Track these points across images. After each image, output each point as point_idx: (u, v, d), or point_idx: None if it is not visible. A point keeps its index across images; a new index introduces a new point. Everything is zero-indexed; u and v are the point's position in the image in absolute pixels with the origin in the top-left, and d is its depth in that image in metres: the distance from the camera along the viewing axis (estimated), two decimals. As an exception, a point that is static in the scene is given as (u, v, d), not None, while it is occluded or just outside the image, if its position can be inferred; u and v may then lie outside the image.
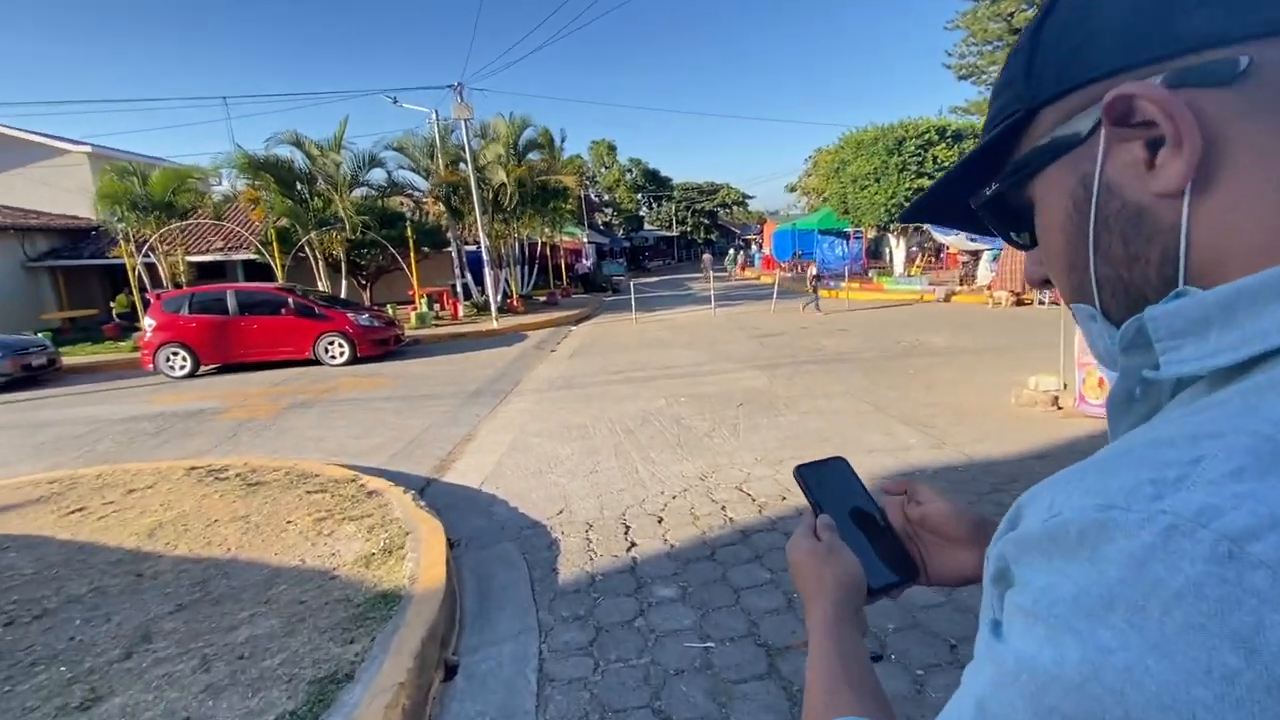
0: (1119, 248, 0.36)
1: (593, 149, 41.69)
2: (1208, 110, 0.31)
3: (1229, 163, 0.31)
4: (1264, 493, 0.24)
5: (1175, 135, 0.31)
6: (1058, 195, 0.39)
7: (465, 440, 6.42)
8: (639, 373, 8.91)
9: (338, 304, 12.00)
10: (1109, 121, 0.34)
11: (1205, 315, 0.31)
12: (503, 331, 14.26)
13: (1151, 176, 0.33)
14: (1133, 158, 0.34)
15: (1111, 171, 0.35)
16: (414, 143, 15.90)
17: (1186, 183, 0.32)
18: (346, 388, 9.18)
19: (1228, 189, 0.31)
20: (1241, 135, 0.31)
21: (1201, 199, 0.32)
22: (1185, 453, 0.27)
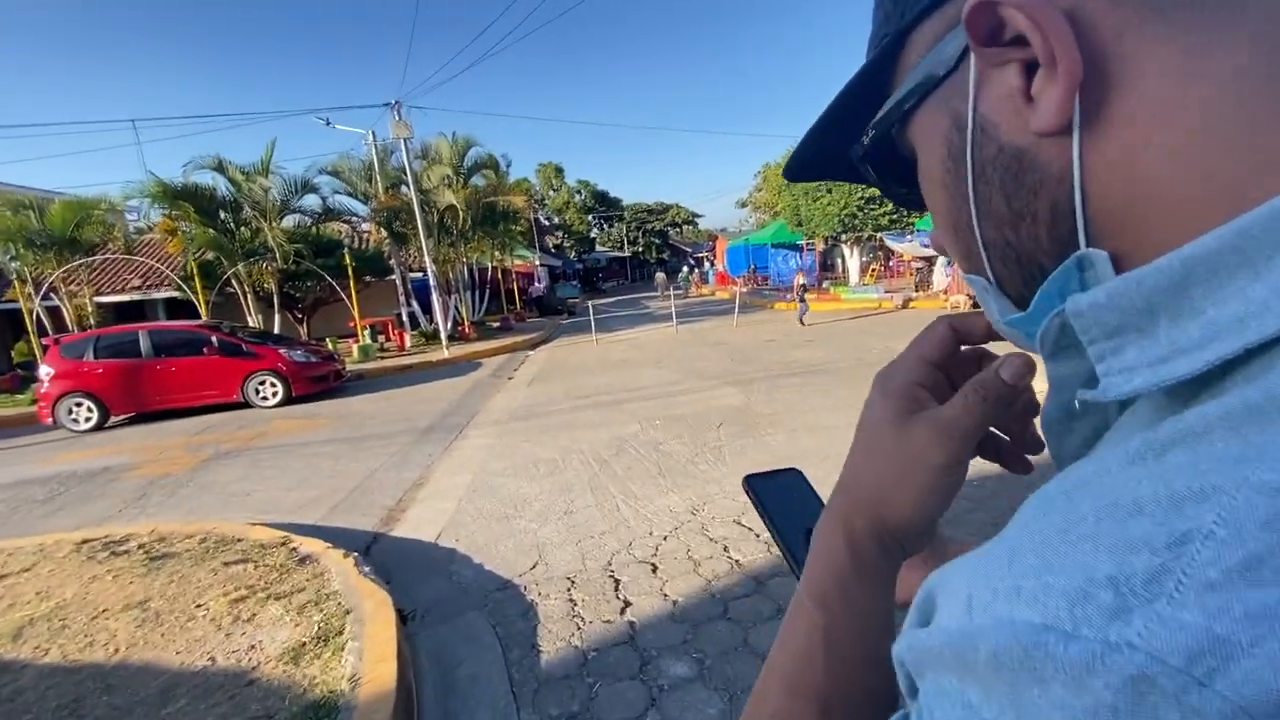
0: (1000, 203, 0.28)
1: (540, 171, 41.24)
2: (1094, 17, 0.23)
3: (1131, 86, 0.23)
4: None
5: (1048, 53, 0.23)
6: (933, 141, 0.30)
7: (417, 485, 5.68)
8: (607, 396, 8.33)
9: (269, 340, 10.98)
10: (975, 41, 0.25)
11: (1148, 302, 0.22)
12: (455, 360, 13.44)
13: (1030, 110, 0.25)
14: (1007, 88, 0.26)
15: (984, 107, 0.27)
16: (350, 166, 15.02)
17: (1067, 116, 0.24)
18: (279, 432, 8.24)
19: (1134, 121, 0.23)
20: (1145, 48, 0.22)
21: (1096, 137, 0.24)
22: (1162, 527, 0.17)
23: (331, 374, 10.60)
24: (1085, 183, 0.24)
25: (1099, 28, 0.23)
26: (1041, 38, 0.23)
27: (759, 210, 29.32)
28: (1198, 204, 0.22)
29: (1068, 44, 0.23)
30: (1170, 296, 0.22)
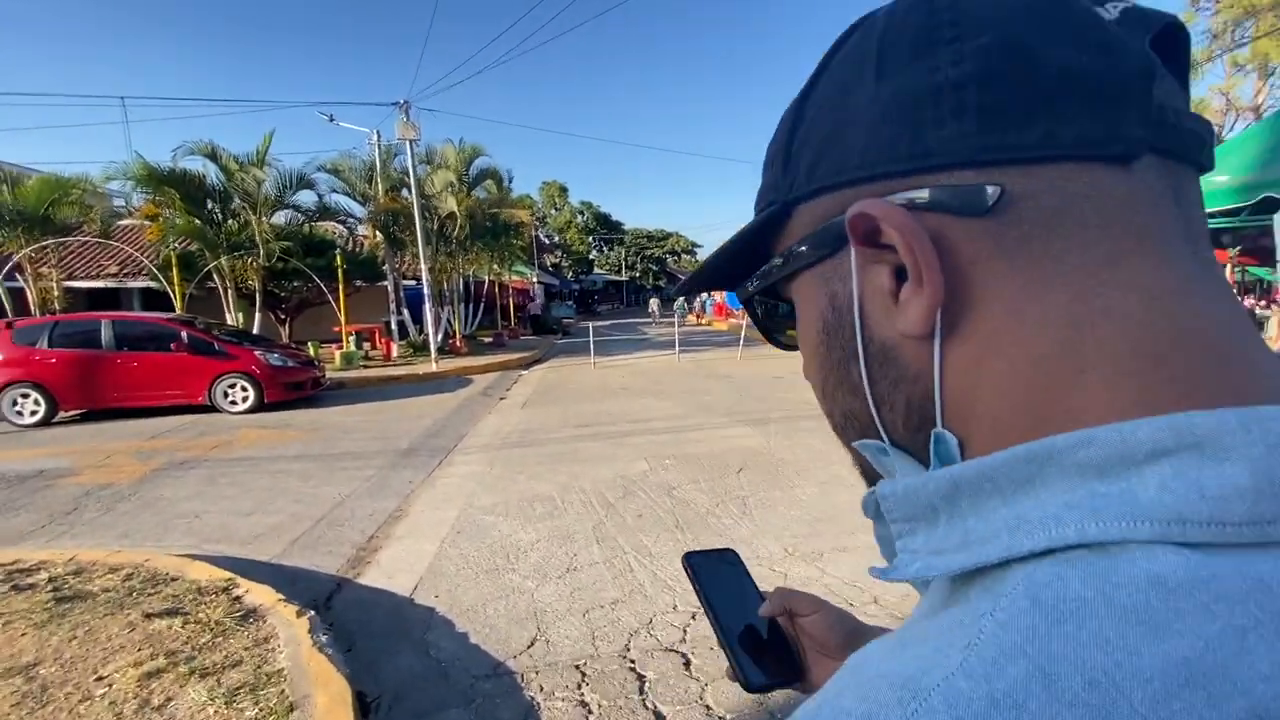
0: (866, 386, 0.30)
1: (543, 189, 40.86)
2: (957, 244, 0.26)
3: (976, 310, 0.26)
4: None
5: (915, 270, 0.26)
6: (809, 309, 0.33)
7: (394, 518, 4.96)
8: (610, 427, 7.66)
9: (245, 340, 10.22)
10: (854, 240, 0.28)
11: (930, 503, 0.26)
12: (444, 375, 12.70)
13: (897, 312, 0.27)
14: (879, 286, 0.28)
15: (860, 297, 0.29)
16: (351, 165, 14.41)
17: (930, 326, 0.26)
18: (245, 442, 7.46)
19: (974, 341, 0.26)
20: (992, 278, 0.26)
21: (950, 345, 0.27)
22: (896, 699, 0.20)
23: (309, 381, 9.84)
24: (941, 379, 0.27)
25: (957, 254, 0.26)
26: (911, 257, 0.26)
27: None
28: (1005, 425, 0.25)
29: (933, 265, 0.25)
30: (946, 502, 0.26)
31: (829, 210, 0.30)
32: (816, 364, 0.34)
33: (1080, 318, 0.24)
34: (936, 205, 0.26)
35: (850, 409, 0.32)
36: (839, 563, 3.79)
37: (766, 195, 0.34)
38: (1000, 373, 0.25)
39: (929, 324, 0.26)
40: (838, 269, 0.30)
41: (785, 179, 0.32)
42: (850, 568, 3.72)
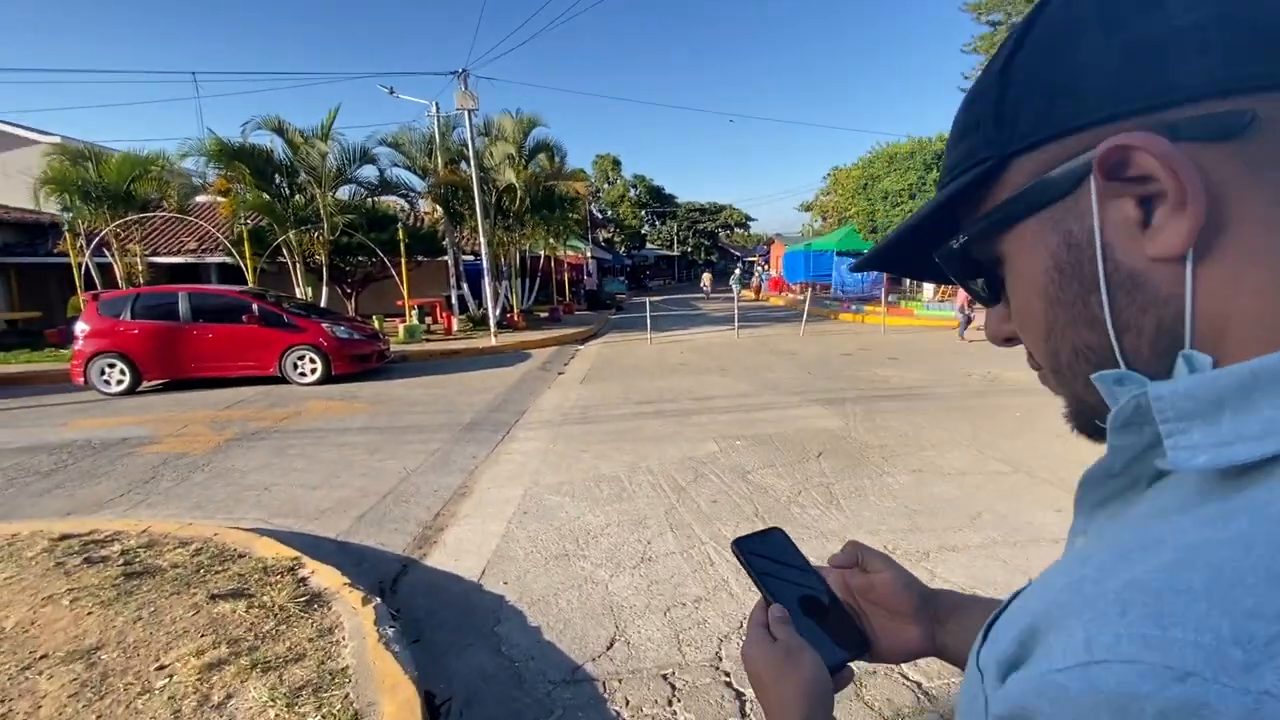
0: (1108, 315, 0.32)
1: (597, 163, 40.30)
2: (1209, 168, 0.28)
3: (1231, 228, 0.28)
4: None
5: (1179, 194, 0.28)
6: (1036, 253, 0.35)
7: (459, 495, 4.79)
8: (671, 404, 7.32)
9: (313, 313, 10.36)
10: (1101, 175, 0.30)
11: (1218, 396, 0.27)
12: (503, 349, 12.65)
13: (1147, 239, 0.29)
14: (1124, 217, 0.30)
15: (1102, 230, 0.31)
16: (411, 138, 14.38)
17: (1188, 248, 0.28)
18: (313, 414, 7.51)
19: (1229, 257, 0.28)
20: (1244, 197, 0.28)
21: (1201, 267, 0.28)
22: (1269, 601, 0.20)
23: (375, 354, 9.91)
24: (1194, 300, 0.29)
25: (1214, 178, 0.27)
26: (1175, 181, 0.27)
27: (827, 215, 27.78)
28: (1269, 330, 0.27)
29: (1198, 188, 0.27)
30: (1238, 395, 0.26)
31: (1057, 156, 0.32)
32: (1043, 305, 0.35)
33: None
34: (1191, 133, 0.28)
35: (1086, 342, 0.33)
36: (950, 564, 3.34)
37: (976, 154, 0.35)
38: (1264, 283, 0.27)
39: (1188, 245, 0.28)
40: (1073, 208, 0.32)
41: (1000, 135, 0.34)
42: (964, 570, 3.27)
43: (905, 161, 15.24)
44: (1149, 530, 0.27)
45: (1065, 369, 0.35)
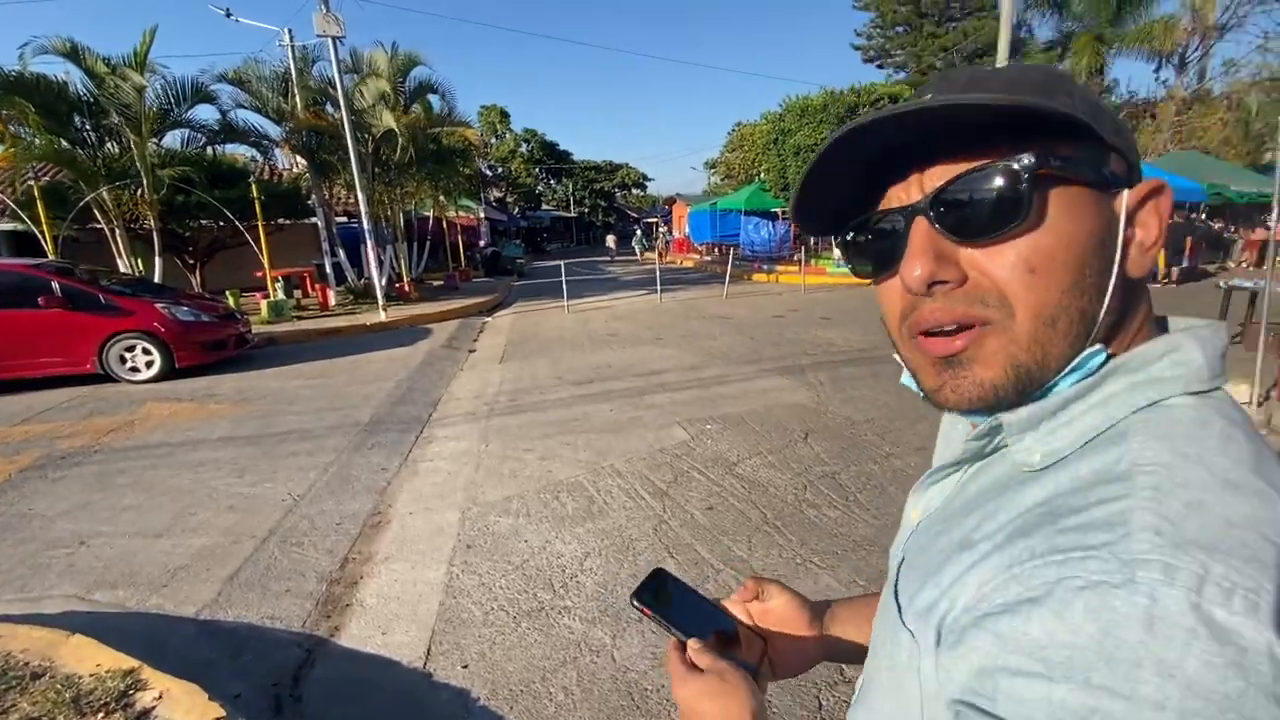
0: (1108, 295, 0.40)
1: (482, 115, 37.04)
2: None
3: None
4: None
5: (1157, 240, 0.42)
6: (1090, 218, 0.40)
7: (372, 527, 3.63)
8: (616, 383, 6.39)
9: (144, 291, 8.22)
10: (1137, 198, 0.41)
11: (1040, 417, 0.41)
12: (395, 324, 10.98)
13: (1143, 257, 0.41)
14: (1138, 239, 0.41)
15: (1126, 236, 0.41)
16: (259, 73, 11.82)
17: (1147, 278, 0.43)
18: (152, 422, 5.79)
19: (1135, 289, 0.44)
20: None
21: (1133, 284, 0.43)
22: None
23: (232, 338, 8.03)
24: (1141, 302, 0.44)
25: None
26: (1159, 229, 0.41)
27: (732, 173, 27.48)
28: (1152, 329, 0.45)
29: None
30: (1050, 415, 0.40)
31: (1115, 165, 0.41)
32: (1077, 264, 0.39)
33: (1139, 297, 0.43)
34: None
35: (1088, 309, 0.40)
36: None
37: (1074, 111, 0.38)
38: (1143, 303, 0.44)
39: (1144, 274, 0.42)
40: (1111, 206, 0.40)
41: (1101, 126, 0.39)
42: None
43: (818, 114, 14.91)
44: (1017, 504, 0.39)
45: (1057, 323, 0.39)
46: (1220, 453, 0.35)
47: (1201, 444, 0.36)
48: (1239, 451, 0.36)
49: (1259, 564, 0.30)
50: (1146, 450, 0.36)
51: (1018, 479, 0.40)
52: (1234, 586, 0.29)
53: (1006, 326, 0.39)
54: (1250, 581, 0.29)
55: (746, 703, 0.50)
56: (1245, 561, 0.30)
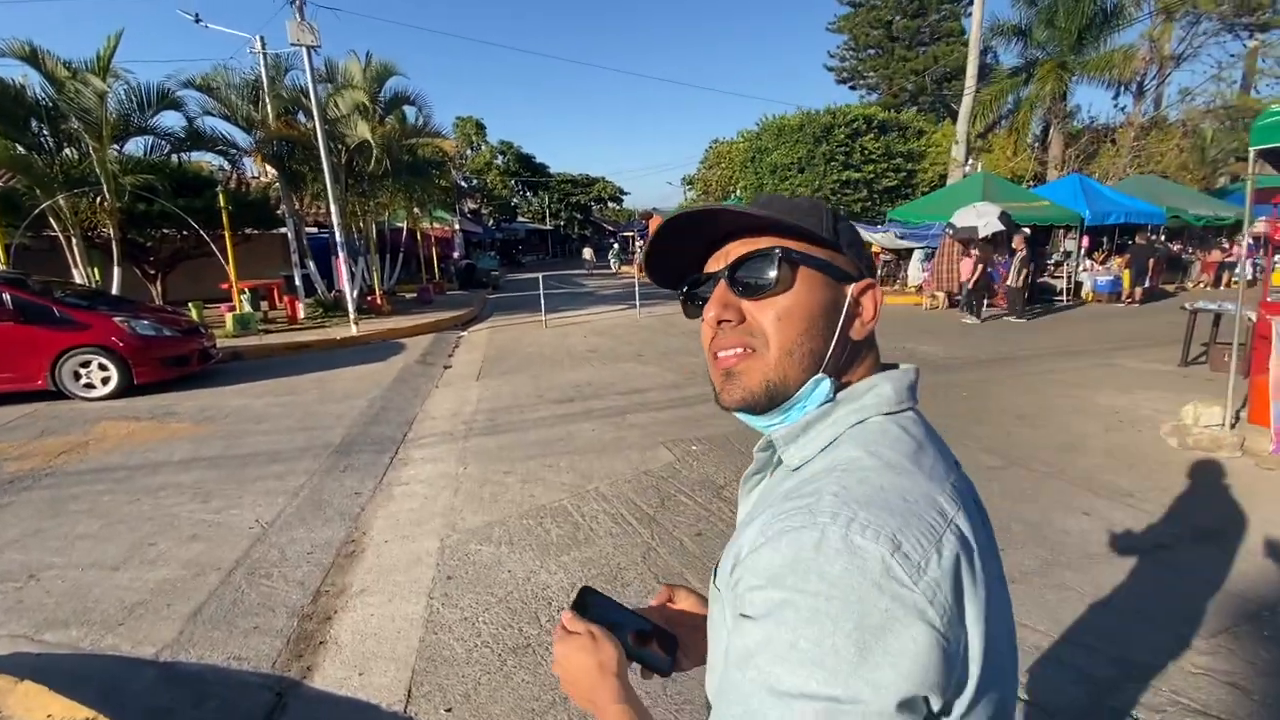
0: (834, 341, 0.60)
1: (458, 126, 36.75)
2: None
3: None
4: None
5: (873, 317, 0.63)
6: (822, 292, 0.60)
7: (347, 557, 3.46)
8: (598, 402, 6.29)
9: (100, 303, 7.86)
10: (859, 289, 0.62)
11: (796, 432, 0.61)
12: (367, 339, 10.71)
13: (861, 323, 0.62)
14: (858, 309, 0.62)
15: (848, 305, 0.61)
16: (229, 80, 11.51)
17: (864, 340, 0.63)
18: (108, 443, 5.49)
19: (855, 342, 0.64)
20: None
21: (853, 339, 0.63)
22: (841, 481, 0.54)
23: (195, 353, 7.70)
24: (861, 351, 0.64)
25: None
26: (874, 310, 0.62)
27: (709, 189, 27.71)
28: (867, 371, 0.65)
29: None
30: (802, 430, 0.58)
31: (843, 263, 0.62)
32: (808, 320, 0.59)
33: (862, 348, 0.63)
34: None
35: (816, 348, 0.59)
36: (1022, 602, 2.73)
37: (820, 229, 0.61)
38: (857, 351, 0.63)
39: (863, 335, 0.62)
40: (841, 290, 0.61)
41: (839, 240, 0.62)
42: (1046, 612, 2.67)
43: (794, 134, 15.12)
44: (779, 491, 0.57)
45: (793, 354, 0.59)
46: (890, 449, 0.54)
47: (879, 444, 0.55)
48: (903, 448, 0.55)
49: (889, 511, 0.48)
50: (849, 451, 0.55)
51: (785, 476, 0.60)
52: (868, 523, 0.47)
53: (764, 354, 0.59)
54: (880, 521, 0.47)
55: (610, 654, 0.66)
56: (881, 509, 0.48)
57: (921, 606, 0.44)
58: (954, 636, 0.46)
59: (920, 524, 0.48)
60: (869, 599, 0.44)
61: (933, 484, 0.52)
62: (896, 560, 0.45)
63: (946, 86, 25.62)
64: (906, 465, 0.53)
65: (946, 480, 0.54)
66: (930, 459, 0.55)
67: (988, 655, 0.48)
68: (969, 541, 0.49)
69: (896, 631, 0.44)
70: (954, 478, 0.55)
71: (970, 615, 0.47)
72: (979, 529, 0.52)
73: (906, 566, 0.45)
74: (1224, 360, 6.59)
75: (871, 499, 0.48)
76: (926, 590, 0.45)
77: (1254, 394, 4.36)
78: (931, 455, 0.56)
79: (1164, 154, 17.22)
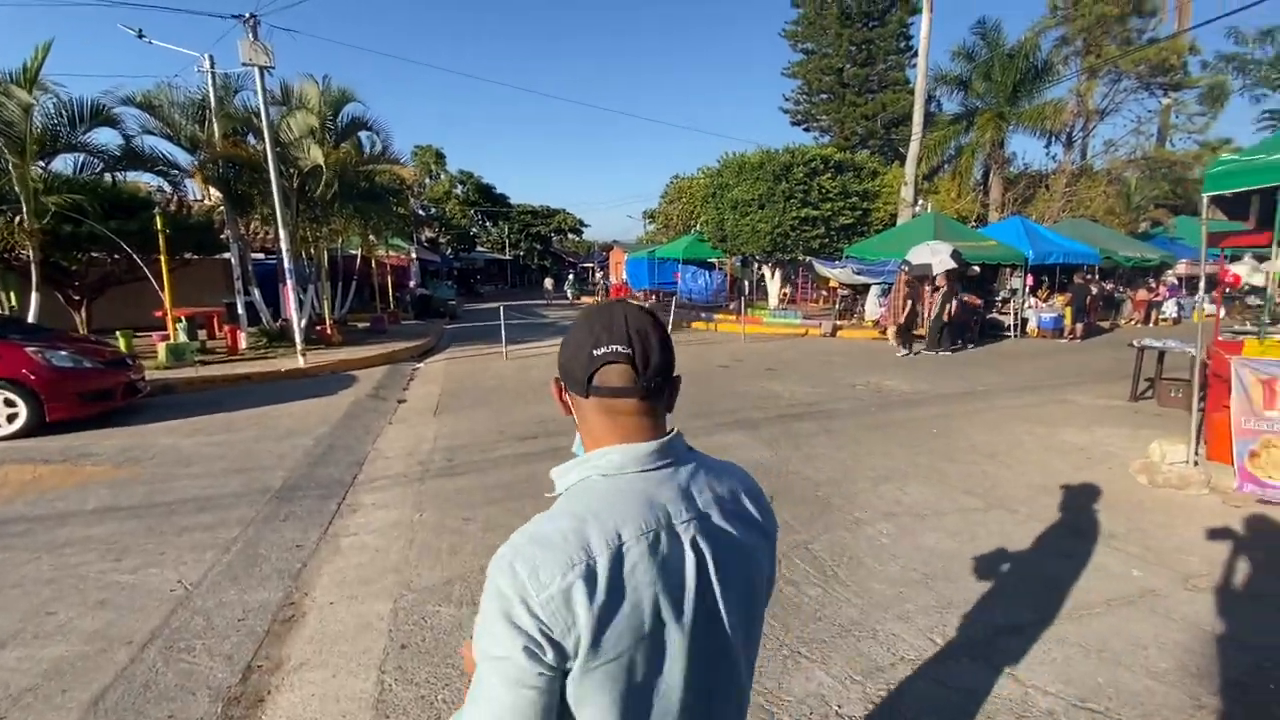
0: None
1: (417, 155, 36.22)
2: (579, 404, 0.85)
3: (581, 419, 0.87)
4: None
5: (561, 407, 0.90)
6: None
7: (284, 623, 3.06)
8: (564, 439, 5.96)
9: (12, 330, 7.14)
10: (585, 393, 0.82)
11: (562, 472, 0.85)
12: (315, 371, 10.12)
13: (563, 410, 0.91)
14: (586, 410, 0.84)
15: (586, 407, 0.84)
16: (173, 98, 10.94)
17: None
18: (7, 490, 4.85)
19: (583, 427, 0.87)
20: (580, 408, 0.85)
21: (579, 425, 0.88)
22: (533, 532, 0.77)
23: (120, 387, 7.04)
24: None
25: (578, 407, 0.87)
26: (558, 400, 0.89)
27: (670, 223, 28.02)
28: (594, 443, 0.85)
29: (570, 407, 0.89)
30: (562, 474, 0.84)
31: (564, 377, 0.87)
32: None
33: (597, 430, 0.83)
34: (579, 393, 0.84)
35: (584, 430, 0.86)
36: (1026, 659, 2.58)
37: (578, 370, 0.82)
38: (587, 432, 0.86)
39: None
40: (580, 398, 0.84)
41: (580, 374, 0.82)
42: (1051, 670, 2.52)
43: (754, 172, 15.42)
44: None
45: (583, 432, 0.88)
46: (579, 501, 0.78)
47: (578, 497, 0.79)
48: (588, 499, 0.77)
49: (536, 542, 0.72)
50: (563, 499, 0.81)
51: None
52: (515, 550, 0.73)
53: None
54: (521, 549, 0.72)
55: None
56: (529, 540, 0.73)
57: (534, 609, 0.69)
58: (560, 630, 0.69)
59: (560, 558, 0.70)
60: (509, 600, 0.70)
61: (596, 532, 0.73)
62: (529, 580, 0.69)
63: (895, 131, 26.90)
64: (579, 511, 0.75)
65: (625, 527, 0.74)
66: (618, 513, 0.75)
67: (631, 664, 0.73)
68: (600, 574, 0.71)
69: (519, 619, 0.69)
70: (633, 530, 0.74)
71: (583, 622, 0.69)
72: (665, 566, 0.75)
73: (534, 584, 0.69)
74: (1170, 395, 6.84)
75: (532, 532, 0.75)
76: (545, 602, 0.69)
77: (1211, 431, 4.44)
78: (622, 510, 0.76)
79: (1093, 199, 18.36)
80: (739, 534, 0.82)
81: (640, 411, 0.80)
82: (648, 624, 0.72)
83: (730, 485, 0.86)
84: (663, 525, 0.75)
